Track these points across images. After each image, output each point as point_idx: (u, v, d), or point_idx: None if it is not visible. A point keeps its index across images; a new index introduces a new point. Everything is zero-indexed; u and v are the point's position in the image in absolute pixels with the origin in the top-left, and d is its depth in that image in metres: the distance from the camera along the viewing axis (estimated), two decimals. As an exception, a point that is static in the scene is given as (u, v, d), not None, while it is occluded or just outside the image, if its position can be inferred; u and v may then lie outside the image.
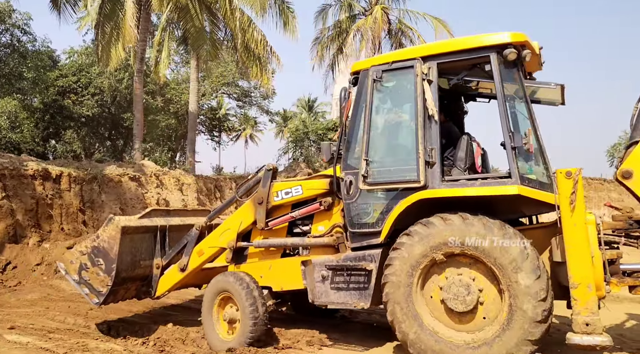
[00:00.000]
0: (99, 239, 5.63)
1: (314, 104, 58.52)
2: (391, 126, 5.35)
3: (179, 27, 16.35)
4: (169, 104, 27.47)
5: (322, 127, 25.87)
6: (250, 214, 5.73)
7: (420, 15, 25.16)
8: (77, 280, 5.65)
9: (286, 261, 5.60)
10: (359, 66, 5.21)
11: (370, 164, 4.87)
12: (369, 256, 4.92)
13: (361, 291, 4.97)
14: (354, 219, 5.05)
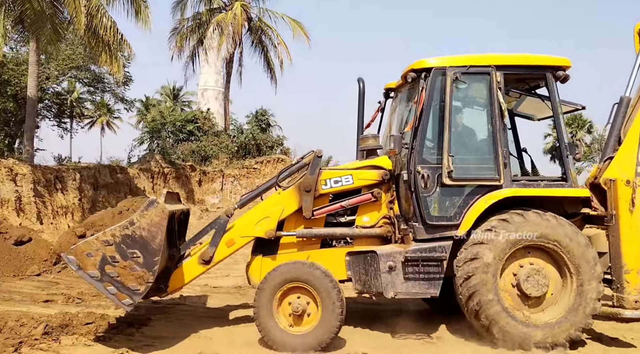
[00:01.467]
0: (133, 226, 4.71)
1: (180, 93, 56.73)
2: (469, 126, 5.59)
3: (15, 7, 15.16)
4: (7, 86, 24.93)
5: (180, 119, 25.63)
6: (294, 202, 5.46)
7: (279, 16, 26.14)
8: (98, 277, 4.64)
9: (327, 252, 5.50)
10: (430, 64, 5.30)
11: (451, 160, 5.10)
12: (440, 247, 5.15)
13: (431, 281, 5.14)
14: (431, 212, 5.19)
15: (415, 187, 5.19)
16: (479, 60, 5.33)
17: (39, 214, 13.73)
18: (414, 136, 5.20)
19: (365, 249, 5.35)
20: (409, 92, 5.97)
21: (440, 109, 5.28)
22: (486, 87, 5.34)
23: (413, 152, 5.22)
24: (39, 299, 7.33)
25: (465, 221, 5.14)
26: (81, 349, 4.98)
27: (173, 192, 5.95)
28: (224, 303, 7.32)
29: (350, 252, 5.44)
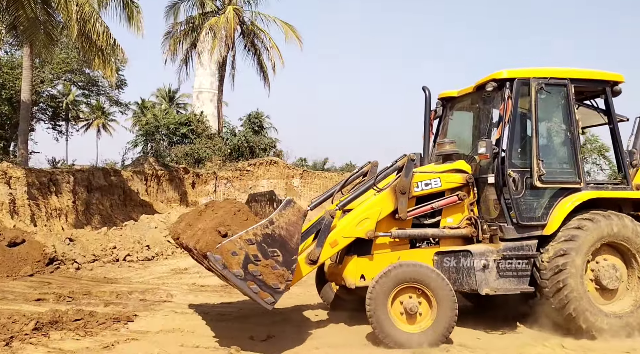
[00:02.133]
0: (273, 226, 4.71)
1: (175, 95, 56.96)
2: (550, 133, 6.04)
3: (9, 13, 15.42)
4: (1, 89, 25.18)
5: (174, 122, 25.87)
6: (390, 204, 5.62)
7: (272, 19, 26.45)
8: (242, 276, 4.53)
9: (417, 252, 5.71)
10: (516, 74, 5.70)
11: (541, 165, 5.57)
12: (527, 246, 5.59)
13: (520, 278, 5.55)
14: (523, 213, 5.59)
15: (507, 189, 5.57)
16: (557, 73, 5.83)
17: (32, 217, 13.99)
18: (504, 142, 5.61)
19: (458, 249, 5.63)
20: (484, 101, 6.23)
21: (526, 116, 5.78)
22: (563, 98, 5.86)
23: (504, 156, 5.62)
24: (31, 298, 7.62)
25: (552, 220, 5.61)
26: (69, 343, 5.27)
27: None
28: (209, 300, 7.61)
29: (439, 252, 5.70)
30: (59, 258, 10.59)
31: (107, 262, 11.29)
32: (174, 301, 7.47)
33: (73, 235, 11.98)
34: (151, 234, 13.65)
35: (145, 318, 6.35)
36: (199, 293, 8.17)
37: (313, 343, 5.34)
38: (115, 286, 8.67)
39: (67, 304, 7.15)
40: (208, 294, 8.16)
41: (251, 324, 6.06)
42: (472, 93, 6.46)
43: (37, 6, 15.14)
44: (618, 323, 5.47)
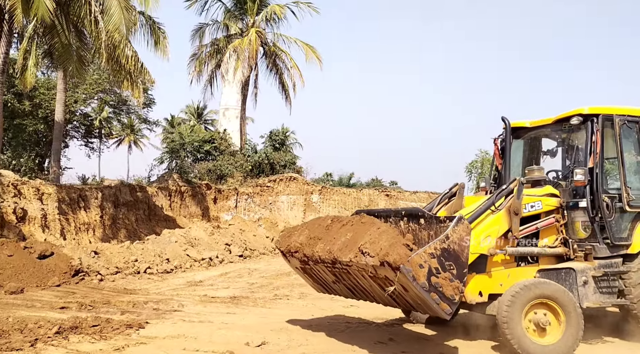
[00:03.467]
0: (448, 241, 4.98)
1: (203, 111, 58.65)
2: (631, 164, 6.83)
3: (45, 41, 16.63)
4: (38, 108, 26.73)
5: (198, 139, 26.90)
6: (505, 223, 6.04)
7: (293, 41, 27.38)
8: (426, 287, 4.75)
9: (523, 270, 6.17)
10: (600, 110, 6.52)
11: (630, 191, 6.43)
12: (615, 263, 6.35)
13: (612, 292, 6.27)
14: (615, 234, 6.35)
15: (601, 213, 6.27)
16: (632, 111, 6.72)
17: (62, 231, 14.91)
18: (595, 171, 6.30)
19: (561, 266, 6.22)
20: (564, 132, 7.10)
21: (612, 148, 6.54)
22: (637, 132, 6.75)
23: (597, 184, 6.29)
24: (56, 306, 8.36)
25: (637, 241, 6.41)
26: (85, 345, 5.92)
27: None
28: (217, 311, 8.19)
29: (541, 269, 6.21)
30: (84, 270, 11.38)
31: (129, 275, 12.04)
32: (184, 311, 8.07)
33: (98, 248, 12.79)
34: (171, 248, 14.40)
35: (156, 325, 6.96)
36: (209, 304, 8.74)
37: (302, 349, 5.84)
38: (133, 297, 9.35)
39: (88, 312, 7.83)
40: (217, 305, 8.73)
41: (252, 332, 6.57)
42: (549, 125, 7.20)
43: (70, 34, 16.29)
44: None
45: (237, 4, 27.59)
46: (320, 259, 5.68)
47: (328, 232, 5.85)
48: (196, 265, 14.03)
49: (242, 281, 11.94)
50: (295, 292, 10.14)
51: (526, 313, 5.57)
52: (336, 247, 5.47)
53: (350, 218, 5.90)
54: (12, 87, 24.47)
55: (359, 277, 5.48)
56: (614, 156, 6.61)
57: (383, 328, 7.04)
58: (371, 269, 5.06)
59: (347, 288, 5.98)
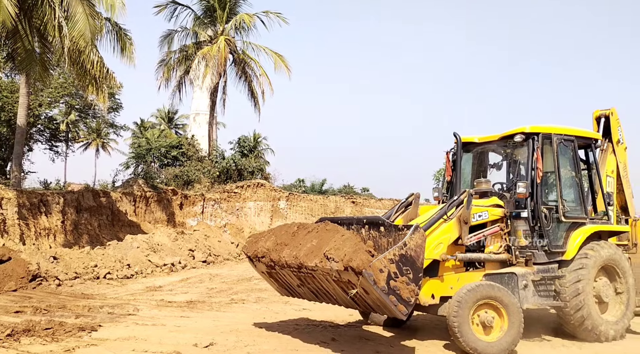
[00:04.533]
0: (406, 247, 5.36)
1: (174, 116, 58.21)
2: (565, 178, 7.36)
3: (7, 45, 16.53)
4: (1, 111, 26.27)
5: (165, 145, 26.88)
6: (456, 231, 6.51)
7: (262, 49, 27.70)
8: (386, 290, 5.13)
9: (471, 274, 6.67)
10: (541, 130, 7.09)
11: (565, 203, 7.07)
12: (552, 268, 6.96)
13: (549, 295, 6.87)
14: (552, 242, 6.96)
15: (540, 222, 6.89)
16: (567, 130, 7.42)
17: (22, 236, 14.80)
18: (537, 184, 6.90)
19: (504, 271, 6.75)
20: (508, 148, 7.81)
21: (551, 164, 7.16)
22: (572, 150, 7.44)
23: (537, 196, 6.88)
24: (11, 310, 8.42)
25: (570, 248, 7.09)
26: (36, 347, 6.08)
27: None
28: (171, 314, 8.40)
29: (487, 274, 6.71)
30: (42, 275, 11.39)
31: (88, 280, 12.08)
32: (139, 315, 8.25)
33: (57, 254, 12.79)
34: (133, 254, 14.46)
35: (109, 328, 7.14)
36: (164, 308, 8.94)
37: (247, 349, 6.15)
38: (89, 301, 9.47)
39: (43, 316, 7.94)
40: (172, 309, 8.93)
41: (202, 334, 6.83)
42: (495, 141, 7.76)
43: (34, 39, 16.25)
44: (615, 328, 7.07)
45: (206, 12, 27.75)
46: (287, 264, 5.99)
47: (294, 238, 6.20)
48: (158, 270, 14.13)
49: (202, 286, 12.14)
50: (252, 296, 10.42)
51: (473, 312, 6.08)
52: (302, 253, 5.79)
53: (315, 225, 6.25)
54: (-27, 89, 24.10)
55: (323, 281, 5.81)
56: (552, 170, 7.24)
57: (329, 329, 7.39)
58: (335, 273, 5.40)
59: (311, 291, 6.33)
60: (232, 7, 27.99)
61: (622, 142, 8.41)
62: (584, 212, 7.42)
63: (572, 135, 7.45)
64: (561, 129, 7.37)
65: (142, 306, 8.99)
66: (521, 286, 6.64)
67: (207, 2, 27.64)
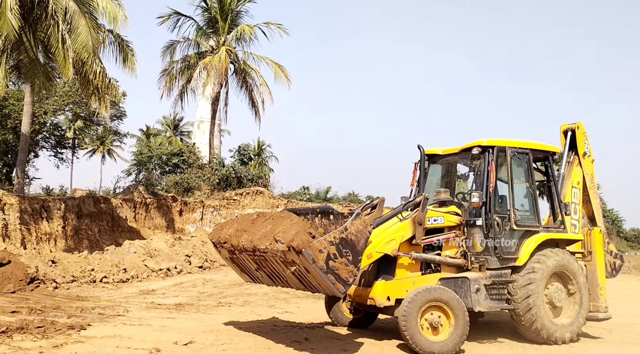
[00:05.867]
0: (347, 231, 5.77)
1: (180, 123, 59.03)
2: (519, 188, 7.76)
3: (13, 56, 17.16)
4: (7, 119, 26.96)
5: (166, 152, 27.46)
6: (409, 231, 6.97)
7: (262, 59, 28.28)
8: (324, 269, 5.52)
9: (427, 278, 7.09)
10: (496, 143, 7.52)
11: (516, 212, 7.43)
12: (505, 273, 7.33)
13: (501, 299, 7.23)
14: (503, 249, 7.34)
15: (492, 230, 7.27)
16: (522, 144, 7.80)
17: (23, 240, 15.32)
18: (490, 194, 7.28)
19: (458, 275, 7.14)
20: (466, 160, 8.28)
21: (503, 175, 7.53)
22: (526, 162, 7.86)
23: (490, 205, 7.27)
24: (7, 310, 8.87)
25: (522, 255, 7.44)
26: (27, 343, 6.51)
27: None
28: (159, 316, 8.82)
29: (442, 278, 7.14)
30: (40, 278, 11.86)
31: (84, 283, 12.54)
32: (128, 316, 8.67)
33: (56, 258, 13.26)
34: (130, 259, 14.91)
35: (97, 327, 7.57)
36: (153, 310, 9.36)
37: (224, 347, 6.56)
38: (83, 303, 9.91)
39: (37, 316, 8.38)
40: (160, 311, 9.35)
41: (183, 333, 7.24)
42: (457, 153, 8.20)
43: (38, 50, 16.88)
44: (567, 330, 7.44)
45: (208, 23, 28.41)
46: (244, 248, 6.43)
47: (253, 225, 6.60)
48: (153, 275, 14.56)
49: (194, 290, 12.56)
50: (240, 300, 10.83)
51: (422, 313, 6.49)
52: (257, 237, 6.23)
53: (273, 213, 6.70)
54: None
55: (274, 263, 6.20)
56: (506, 181, 7.63)
57: (304, 330, 7.79)
58: (281, 254, 5.82)
59: (267, 275, 6.73)
60: (233, 18, 28.64)
61: (588, 155, 8.77)
62: (537, 221, 7.76)
63: (527, 148, 7.84)
64: (516, 142, 7.77)
65: (132, 308, 9.42)
66: (473, 289, 7.01)
67: (209, 14, 28.33)
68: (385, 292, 6.89)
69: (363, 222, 6.00)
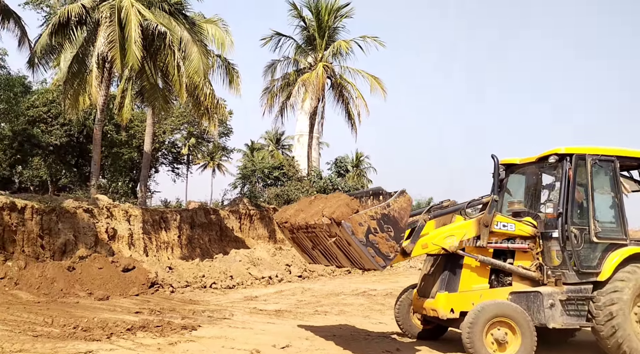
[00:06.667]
0: (389, 208, 5.90)
1: (281, 137, 61.87)
2: (604, 198, 7.36)
3: (137, 83, 19.34)
4: (133, 139, 30.25)
5: (268, 166, 28.96)
6: (473, 230, 6.84)
7: (358, 73, 28.87)
8: (364, 242, 5.68)
9: (496, 291, 6.87)
10: (574, 150, 7.12)
11: (597, 224, 6.98)
12: (585, 289, 6.88)
13: (579, 314, 6.83)
14: (582, 262, 6.85)
15: (569, 243, 6.86)
16: (606, 151, 7.31)
17: (145, 248, 17.07)
18: (567, 204, 6.93)
19: (530, 290, 6.89)
20: (544, 169, 7.87)
21: (583, 185, 7.14)
22: (611, 171, 7.30)
23: (567, 216, 6.91)
24: (132, 311, 10.07)
25: (605, 269, 6.86)
26: (148, 340, 7.41)
27: None
28: (260, 320, 9.46)
29: (513, 292, 6.89)
30: (159, 282, 13.21)
31: (196, 288, 13.73)
32: (233, 319, 9.43)
33: (172, 264, 14.67)
34: (235, 267, 16.02)
35: (206, 329, 8.36)
36: (255, 315, 10.05)
37: (317, 352, 6.93)
38: (194, 306, 10.91)
39: (157, 316, 9.44)
40: (262, 316, 10.01)
41: (281, 337, 7.75)
42: (534, 162, 7.84)
43: (157, 76, 18.86)
44: None
45: (307, 41, 29.62)
46: (299, 226, 6.66)
47: (310, 205, 6.81)
48: (256, 283, 15.49)
49: (293, 298, 13.17)
50: (335, 309, 11.19)
51: (488, 328, 6.32)
52: (309, 214, 6.48)
53: (329, 195, 6.82)
54: (112, 119, 28.05)
55: (323, 238, 6.33)
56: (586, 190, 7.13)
57: (397, 341, 7.91)
58: (326, 227, 6.00)
59: (322, 253, 6.84)
60: (330, 34, 29.57)
61: None
62: (623, 234, 7.15)
63: (612, 155, 7.30)
64: (598, 149, 7.27)
65: (237, 312, 10.20)
66: (547, 305, 6.67)
67: (307, 32, 29.56)
68: (448, 304, 6.76)
69: (407, 200, 6.06)
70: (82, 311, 9.85)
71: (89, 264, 12.83)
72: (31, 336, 7.46)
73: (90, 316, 9.20)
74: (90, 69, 17.62)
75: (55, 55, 18.54)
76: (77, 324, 8.26)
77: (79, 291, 11.91)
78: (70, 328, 8.04)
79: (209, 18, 21.44)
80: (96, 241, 15.55)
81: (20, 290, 11.46)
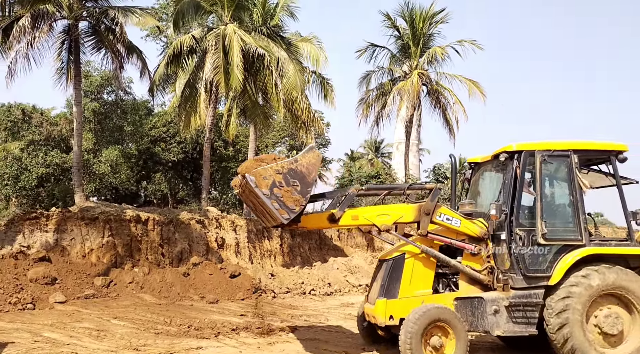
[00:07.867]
0: (297, 163, 5.95)
1: (380, 145, 62.18)
2: (557, 196, 7.02)
3: (240, 102, 20.89)
4: (239, 153, 32.42)
5: (365, 175, 29.37)
6: (412, 215, 6.63)
7: (455, 78, 28.35)
8: (268, 195, 5.74)
9: (439, 297, 6.61)
10: (524, 147, 6.69)
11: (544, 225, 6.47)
12: (534, 294, 6.42)
13: (528, 321, 6.42)
14: (529, 266, 6.43)
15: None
16: (559, 145, 6.80)
17: (250, 256, 18.31)
18: (512, 205, 6.54)
19: (473, 295, 6.57)
20: (499, 168, 7.28)
21: (531, 183, 6.71)
22: (567, 166, 6.81)
23: (512, 217, 6.54)
24: (238, 314, 11.03)
25: (556, 273, 6.41)
26: (249, 339, 8.19)
27: None
28: (353, 326, 9.82)
29: (457, 297, 6.61)
30: (262, 288, 14.20)
31: (296, 294, 14.51)
32: (327, 324, 9.96)
33: (274, 271, 15.65)
34: (333, 274, 16.63)
35: (301, 331, 8.97)
36: (348, 321, 10.48)
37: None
38: (293, 311, 11.63)
39: (258, 319, 10.26)
40: (354, 322, 10.29)
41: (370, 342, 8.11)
42: (490, 161, 7.47)
43: (257, 95, 20.23)
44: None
45: (401, 49, 29.73)
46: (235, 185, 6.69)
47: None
48: (353, 290, 15.95)
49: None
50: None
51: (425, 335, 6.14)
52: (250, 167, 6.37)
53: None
54: (220, 136, 30.35)
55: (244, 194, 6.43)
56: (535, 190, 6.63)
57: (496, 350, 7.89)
58: (241, 183, 6.15)
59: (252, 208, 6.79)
60: (425, 41, 29.42)
61: None
62: (579, 234, 6.56)
63: (568, 149, 6.71)
64: (550, 144, 6.73)
65: (331, 317, 10.72)
66: (490, 311, 6.37)
67: (401, 41, 29.66)
68: (387, 311, 6.49)
69: (316, 156, 6.09)
70: (196, 313, 11.00)
71: (201, 271, 14.17)
72: (153, 334, 8.59)
73: (202, 317, 10.28)
74: (199, 92, 19.43)
75: (171, 81, 20.73)
76: (191, 324, 9.31)
77: (192, 294, 13.23)
78: (185, 327, 9.11)
79: (304, 36, 22.57)
80: (207, 249, 17.03)
81: (145, 293, 13.01)
